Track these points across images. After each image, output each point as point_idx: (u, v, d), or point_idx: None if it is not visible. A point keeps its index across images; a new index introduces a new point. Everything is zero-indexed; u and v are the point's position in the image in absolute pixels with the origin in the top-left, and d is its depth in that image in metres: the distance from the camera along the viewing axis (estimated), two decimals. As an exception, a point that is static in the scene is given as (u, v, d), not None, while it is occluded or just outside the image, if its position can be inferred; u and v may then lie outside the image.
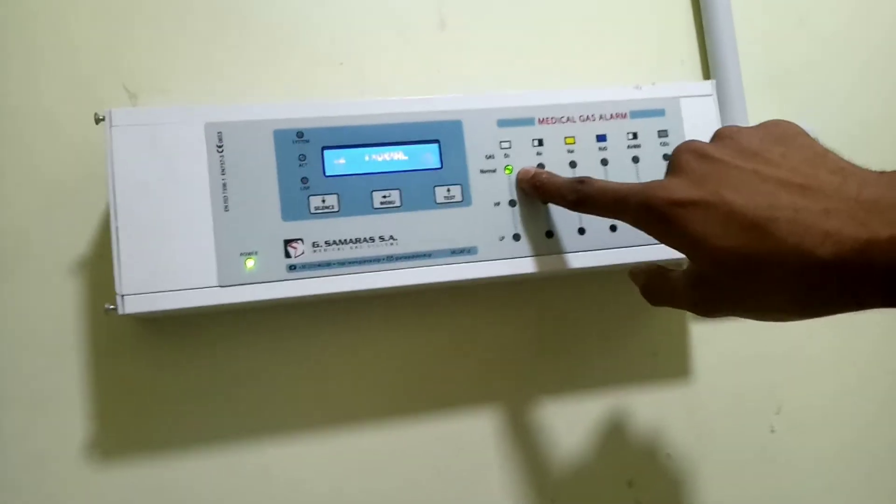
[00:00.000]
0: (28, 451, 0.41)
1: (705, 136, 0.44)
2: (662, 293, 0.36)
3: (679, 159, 0.32)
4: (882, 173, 0.27)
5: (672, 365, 0.51)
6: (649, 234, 0.33)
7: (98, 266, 0.43)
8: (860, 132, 0.56)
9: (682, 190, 0.30)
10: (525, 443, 0.47)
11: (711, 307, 0.32)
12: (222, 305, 0.38)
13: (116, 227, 0.37)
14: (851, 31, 0.57)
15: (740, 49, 0.53)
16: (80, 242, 0.43)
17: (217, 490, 0.43)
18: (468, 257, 0.41)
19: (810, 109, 0.56)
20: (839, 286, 0.26)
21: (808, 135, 0.31)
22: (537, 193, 0.41)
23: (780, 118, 0.33)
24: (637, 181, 0.43)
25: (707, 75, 0.54)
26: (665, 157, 0.44)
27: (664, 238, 0.32)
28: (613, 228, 0.42)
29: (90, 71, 0.44)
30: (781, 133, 0.31)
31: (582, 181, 0.37)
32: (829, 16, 0.57)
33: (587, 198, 0.36)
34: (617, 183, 0.35)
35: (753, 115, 0.53)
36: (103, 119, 0.38)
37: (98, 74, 0.44)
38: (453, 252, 0.41)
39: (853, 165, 0.28)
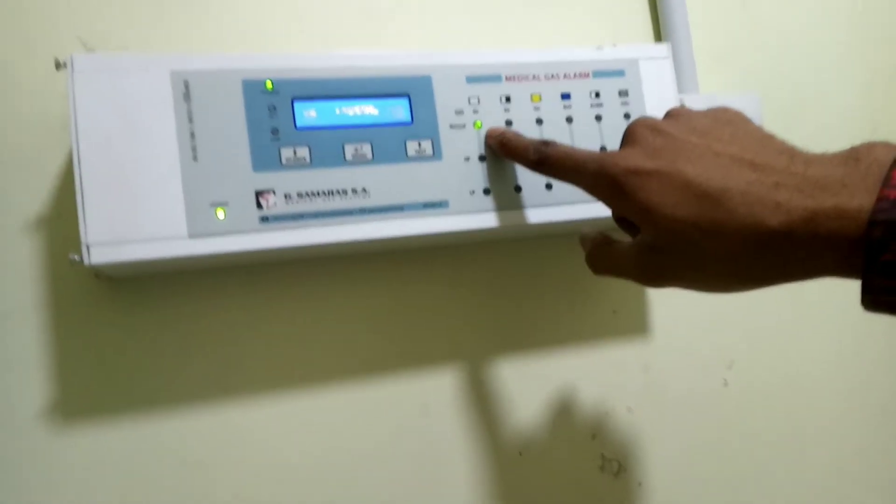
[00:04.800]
0: (-18, 415, 0.39)
1: (662, 97, 0.47)
2: (606, 261, 0.37)
3: (635, 132, 0.33)
4: (823, 154, 0.28)
5: (631, 322, 0.52)
6: (604, 201, 0.34)
7: (57, 225, 0.41)
8: (796, 104, 0.60)
9: (639, 160, 0.32)
10: (491, 399, 0.48)
11: (657, 277, 0.33)
12: (193, 258, 0.37)
13: (80, 175, 0.35)
14: (787, 13, 0.61)
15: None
16: (36, 201, 0.41)
17: (182, 452, 0.42)
18: (440, 210, 0.41)
19: (750, 82, 0.59)
20: (787, 255, 0.28)
21: (752, 121, 0.33)
22: (503, 151, 0.41)
23: (727, 94, 0.35)
24: (600, 139, 0.45)
25: (660, 45, 0.56)
26: (626, 115, 0.45)
27: (618, 205, 0.33)
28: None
29: (43, 24, 0.43)
30: (730, 117, 0.33)
31: (546, 143, 0.38)
32: (767, 0, 0.60)
33: (548, 159, 0.37)
34: (579, 149, 0.36)
35: (703, 85, 0.55)
36: (64, 65, 0.37)
37: (52, 28, 0.43)
38: (425, 205, 0.41)
39: (797, 147, 0.30)
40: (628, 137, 0.34)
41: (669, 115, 0.35)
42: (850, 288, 0.27)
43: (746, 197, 0.28)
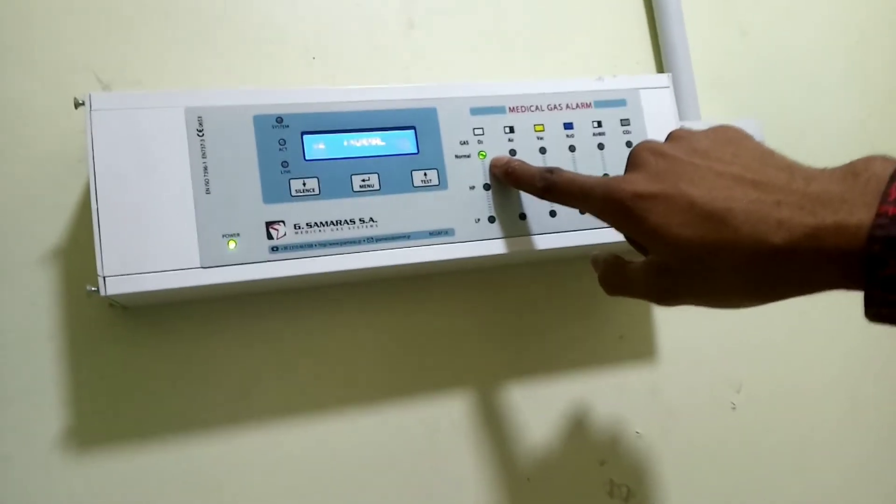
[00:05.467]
0: (1, 443, 0.40)
1: (664, 125, 0.48)
2: (619, 283, 0.37)
3: (638, 157, 0.34)
4: (823, 170, 0.29)
5: (638, 347, 0.53)
6: (612, 224, 0.35)
7: (73, 256, 0.42)
8: (795, 130, 0.60)
9: (643, 184, 0.32)
10: (499, 425, 0.49)
11: (669, 296, 0.34)
12: (205, 287, 0.38)
13: (97, 209, 0.37)
14: (786, 41, 0.62)
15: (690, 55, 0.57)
16: (53, 233, 0.42)
17: (196, 477, 0.43)
18: (446, 238, 0.42)
19: (751, 109, 0.60)
20: (791, 270, 0.28)
21: (753, 138, 0.34)
22: (509, 180, 0.42)
23: (727, 122, 0.36)
24: (602, 167, 0.46)
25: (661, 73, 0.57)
26: (628, 144, 0.46)
27: (627, 228, 0.34)
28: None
29: (61, 62, 0.44)
30: (731, 136, 0.34)
31: (552, 171, 0.39)
32: (766, 29, 0.61)
33: (554, 186, 0.38)
34: (584, 175, 0.37)
35: (704, 113, 0.56)
36: (83, 104, 0.38)
37: (70, 66, 0.44)
38: (431, 233, 0.42)
39: (797, 163, 0.31)
40: (632, 161, 0.35)
41: (671, 137, 0.36)
42: (856, 305, 0.27)
43: (749, 216, 0.29)
